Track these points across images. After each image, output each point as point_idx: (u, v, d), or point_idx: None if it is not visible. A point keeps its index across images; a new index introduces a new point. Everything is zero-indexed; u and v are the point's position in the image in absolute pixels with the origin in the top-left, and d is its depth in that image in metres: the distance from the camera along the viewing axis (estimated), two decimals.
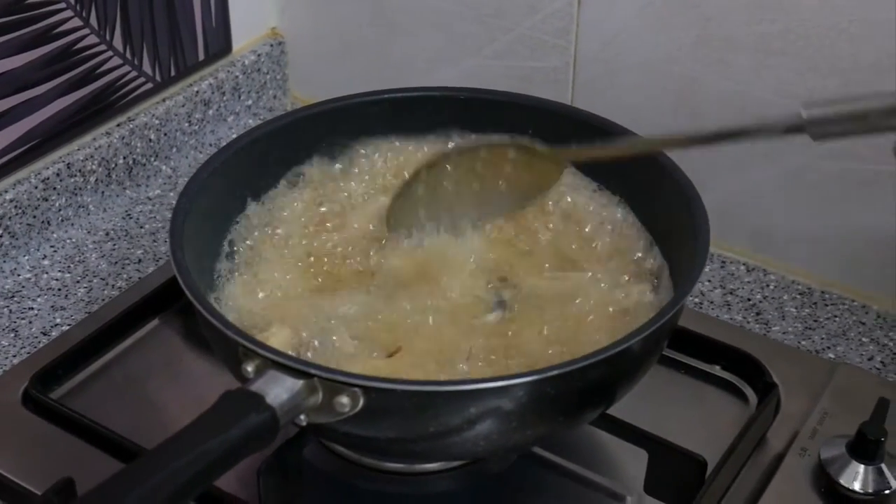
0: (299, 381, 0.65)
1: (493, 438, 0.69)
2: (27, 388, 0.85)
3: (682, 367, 0.90)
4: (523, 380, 0.66)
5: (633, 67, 1.01)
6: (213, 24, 1.16)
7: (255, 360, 0.67)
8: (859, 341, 0.94)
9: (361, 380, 0.65)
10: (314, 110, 0.90)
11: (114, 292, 0.98)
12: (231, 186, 0.85)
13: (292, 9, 1.21)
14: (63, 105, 1.03)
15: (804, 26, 0.91)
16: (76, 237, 1.05)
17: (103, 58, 1.05)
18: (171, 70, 1.13)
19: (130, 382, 0.89)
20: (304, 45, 1.23)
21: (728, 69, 0.96)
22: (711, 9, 0.95)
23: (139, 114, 1.10)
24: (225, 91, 1.18)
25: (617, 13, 0.99)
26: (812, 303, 0.98)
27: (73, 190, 1.04)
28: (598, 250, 0.85)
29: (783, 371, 0.87)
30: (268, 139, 0.87)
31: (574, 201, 0.88)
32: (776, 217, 1.00)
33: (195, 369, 0.91)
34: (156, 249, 1.04)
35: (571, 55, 1.04)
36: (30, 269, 1.01)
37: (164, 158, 1.14)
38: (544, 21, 1.03)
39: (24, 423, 0.84)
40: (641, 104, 1.01)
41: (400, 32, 1.13)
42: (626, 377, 0.73)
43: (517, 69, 1.07)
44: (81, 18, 1.01)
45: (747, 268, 1.02)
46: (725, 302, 0.98)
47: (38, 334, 0.94)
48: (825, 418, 0.82)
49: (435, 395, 0.66)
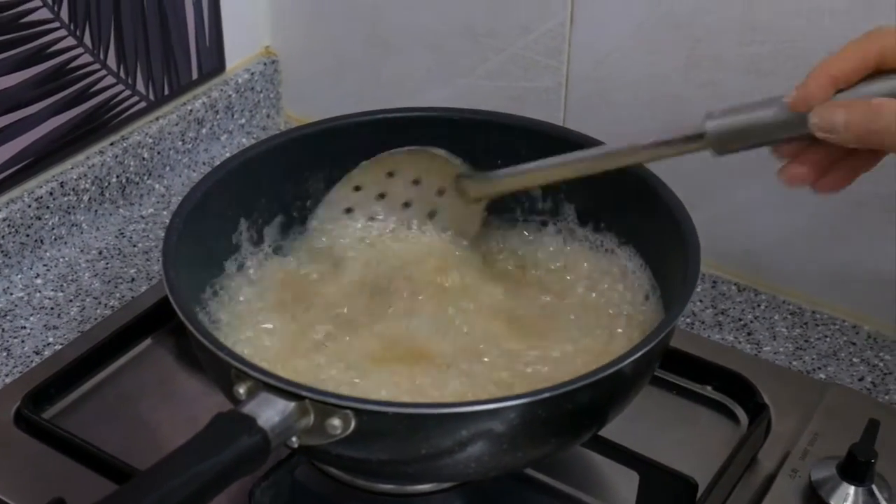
0: (291, 403, 0.65)
1: (484, 460, 0.69)
2: (19, 408, 0.85)
3: (673, 387, 0.90)
4: (515, 402, 0.66)
5: (625, 88, 1.01)
6: (207, 42, 1.16)
7: (246, 382, 0.67)
8: (850, 361, 0.94)
9: (353, 402, 0.65)
10: (308, 130, 0.90)
11: (106, 311, 0.98)
12: (225, 206, 0.85)
13: (286, 28, 1.22)
14: (56, 124, 1.03)
15: (794, 48, 0.91)
16: (69, 256, 1.05)
17: (97, 77, 1.05)
18: (165, 89, 1.13)
19: (123, 402, 0.89)
20: (297, 64, 1.23)
21: (718, 89, 0.96)
22: (701, 30, 0.95)
23: (133, 132, 1.10)
24: (218, 110, 1.18)
25: (609, 34, 1.00)
26: (803, 323, 0.98)
27: (67, 209, 1.04)
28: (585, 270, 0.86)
29: (774, 391, 0.87)
30: (262, 159, 0.87)
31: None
32: (767, 237, 1.00)
33: (188, 389, 0.91)
34: (149, 268, 1.04)
35: (564, 75, 1.04)
36: (23, 287, 1.01)
37: (158, 177, 1.14)
38: (537, 41, 1.04)
39: (16, 442, 0.84)
40: (632, 124, 1.01)
41: (393, 52, 1.14)
42: (617, 399, 0.73)
43: (509, 89, 1.08)
44: (75, 37, 1.02)
45: (738, 287, 1.02)
46: (717, 322, 0.98)
47: (30, 353, 0.94)
48: (816, 439, 0.83)
49: (426, 418, 0.66)
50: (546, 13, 1.02)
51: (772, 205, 0.98)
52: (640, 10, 0.97)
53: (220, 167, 0.85)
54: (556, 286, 0.86)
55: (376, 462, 0.70)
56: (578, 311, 0.83)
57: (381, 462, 0.70)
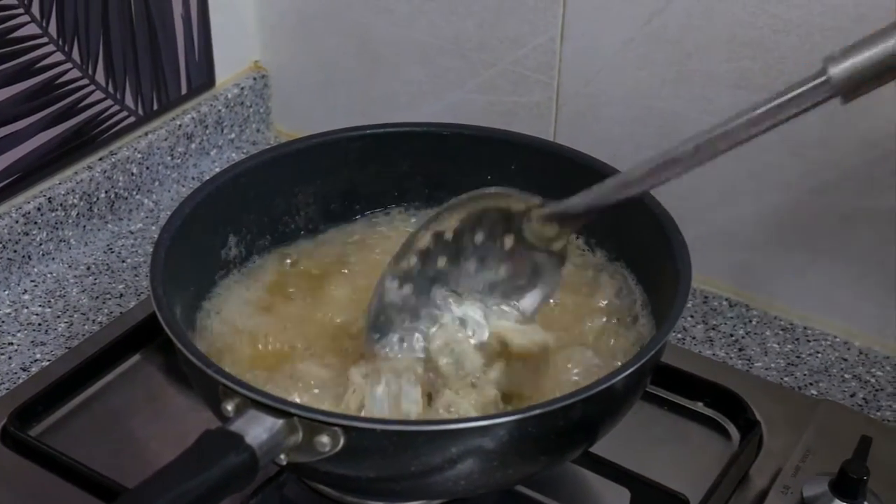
0: (279, 421, 0.64)
1: (474, 478, 0.68)
2: (6, 425, 0.85)
3: (665, 403, 0.90)
4: (505, 419, 0.66)
5: (616, 103, 1.01)
6: (196, 57, 1.16)
7: (234, 399, 0.66)
8: (841, 378, 0.94)
9: (341, 419, 0.65)
10: (298, 145, 0.90)
11: (94, 327, 0.98)
12: (213, 221, 0.85)
13: (275, 43, 1.22)
14: (45, 139, 1.02)
15: (784, 63, 0.91)
16: (57, 272, 1.04)
17: (85, 92, 1.05)
18: (154, 104, 1.13)
19: (111, 419, 0.89)
20: (287, 78, 1.23)
21: (709, 105, 0.96)
22: (692, 45, 0.95)
23: (121, 147, 1.10)
24: (208, 125, 1.18)
25: (599, 49, 1.00)
26: (795, 338, 0.98)
27: (55, 224, 1.04)
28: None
29: (766, 408, 0.87)
30: (251, 174, 0.87)
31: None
32: (759, 252, 1.00)
33: (176, 405, 0.90)
34: (137, 284, 1.03)
35: (554, 90, 1.04)
36: (10, 303, 1.00)
37: (147, 192, 1.13)
38: (527, 56, 1.04)
39: (2, 460, 0.83)
40: (624, 139, 1.01)
41: (384, 67, 1.14)
42: (608, 415, 0.72)
43: (500, 104, 1.08)
44: (64, 53, 1.01)
45: (730, 303, 1.02)
46: (708, 338, 0.98)
47: (17, 370, 0.93)
48: (808, 456, 0.82)
49: (415, 435, 0.66)
50: (537, 28, 1.02)
51: (763, 220, 0.98)
52: (631, 25, 0.97)
53: (209, 182, 0.85)
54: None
55: (365, 479, 0.70)
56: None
57: (370, 479, 0.70)
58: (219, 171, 0.88)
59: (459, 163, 0.91)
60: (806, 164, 0.94)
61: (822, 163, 0.93)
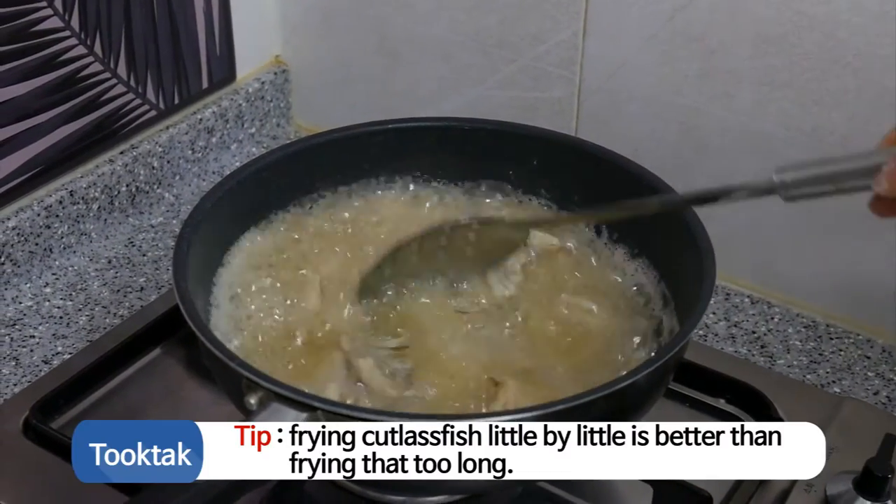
0: (303, 414, 0.64)
1: None
2: (28, 418, 0.85)
3: (686, 400, 0.89)
4: (527, 415, 0.66)
5: (638, 99, 1.01)
6: (218, 52, 1.16)
7: (258, 393, 0.66)
8: (865, 375, 0.93)
9: (365, 413, 0.65)
10: (319, 140, 0.90)
11: (115, 321, 0.98)
12: (234, 215, 0.85)
13: (297, 37, 1.21)
14: (66, 133, 1.03)
15: (808, 60, 0.91)
16: (78, 265, 1.04)
17: (107, 85, 1.05)
18: (175, 98, 1.13)
19: (132, 412, 0.89)
20: (308, 73, 1.23)
21: (732, 101, 0.96)
22: (716, 42, 0.95)
23: (142, 141, 1.10)
24: (228, 119, 1.18)
25: (622, 45, 0.99)
26: (817, 336, 0.97)
27: (76, 217, 1.04)
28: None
29: (788, 405, 0.87)
30: (272, 169, 0.87)
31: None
32: (781, 249, 1.00)
33: (197, 399, 0.90)
34: (158, 277, 1.03)
35: (576, 86, 1.04)
36: (31, 296, 1.00)
37: (168, 186, 1.14)
38: (549, 52, 1.03)
39: (24, 453, 0.83)
40: (646, 136, 1.01)
41: (404, 62, 1.13)
42: (631, 412, 0.72)
43: (521, 99, 1.07)
44: (86, 46, 1.01)
45: (752, 300, 1.01)
46: (730, 334, 0.98)
47: (39, 363, 0.93)
48: (831, 454, 0.82)
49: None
50: (559, 24, 1.01)
51: (786, 217, 0.97)
52: (654, 21, 0.96)
53: (230, 177, 0.85)
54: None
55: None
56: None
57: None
58: (239, 165, 0.88)
59: (481, 158, 0.90)
60: None
61: None
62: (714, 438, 0.63)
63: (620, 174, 0.85)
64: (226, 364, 0.68)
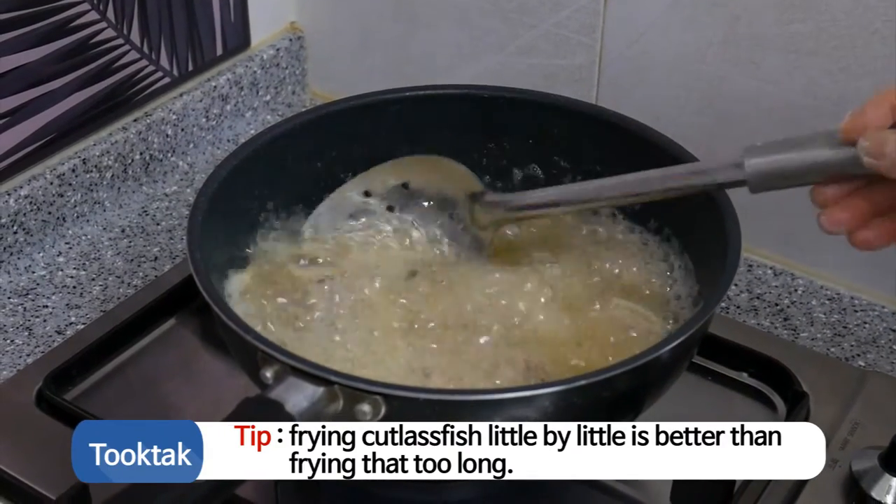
0: (320, 389, 0.63)
1: None
2: (41, 389, 0.84)
3: (709, 373, 0.88)
4: (549, 390, 0.65)
5: (660, 66, 0.99)
6: (232, 18, 1.14)
7: (274, 366, 0.65)
8: (890, 349, 0.92)
9: (383, 388, 0.64)
10: (335, 107, 0.88)
11: (129, 290, 0.97)
12: (250, 184, 0.84)
13: (312, 3, 1.20)
14: (79, 100, 1.01)
15: (836, 26, 0.89)
16: (91, 234, 1.03)
17: (120, 52, 1.03)
18: (189, 65, 1.11)
19: (146, 383, 0.88)
20: (323, 40, 1.21)
21: (757, 69, 0.94)
22: (740, 8, 0.93)
23: (156, 109, 1.09)
24: (243, 86, 1.17)
25: (644, 10, 0.97)
26: (841, 308, 0.96)
27: (89, 186, 1.03)
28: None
29: (812, 379, 0.85)
30: (287, 137, 0.85)
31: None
32: (804, 220, 0.97)
33: (212, 370, 0.89)
34: (172, 247, 1.02)
35: (597, 53, 1.02)
36: (44, 266, 0.99)
37: (181, 154, 1.12)
38: (570, 18, 1.02)
39: (37, 424, 0.82)
40: (668, 103, 0.99)
41: (421, 28, 1.12)
42: (654, 387, 0.71)
43: (541, 67, 1.06)
44: (99, 12, 1.00)
45: (774, 272, 1.00)
46: (752, 307, 0.96)
47: (52, 333, 0.92)
48: (856, 429, 0.81)
49: (458, 405, 0.65)
50: None
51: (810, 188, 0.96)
52: None
53: (245, 145, 0.83)
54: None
55: None
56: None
57: None
58: (254, 133, 0.86)
59: (500, 127, 0.89)
60: None
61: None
62: (714, 438, 0.62)
63: (643, 144, 0.83)
64: (241, 336, 0.67)
